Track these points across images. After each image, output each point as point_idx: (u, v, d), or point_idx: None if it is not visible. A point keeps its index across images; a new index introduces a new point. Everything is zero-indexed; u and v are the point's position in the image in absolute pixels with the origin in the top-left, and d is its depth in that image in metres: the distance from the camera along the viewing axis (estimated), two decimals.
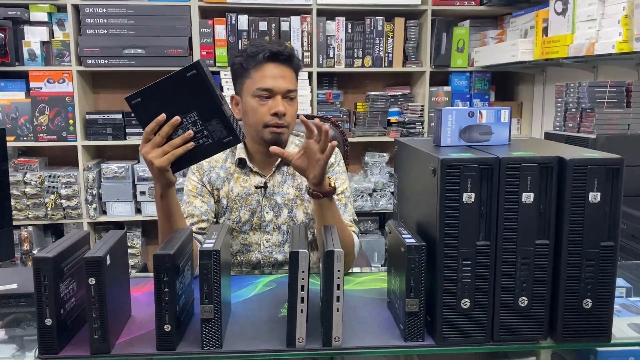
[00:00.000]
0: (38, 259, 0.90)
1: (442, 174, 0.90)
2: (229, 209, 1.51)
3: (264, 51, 1.41)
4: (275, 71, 1.42)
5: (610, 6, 2.05)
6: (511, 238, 0.92)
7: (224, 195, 1.51)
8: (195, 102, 1.13)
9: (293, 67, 1.46)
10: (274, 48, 1.42)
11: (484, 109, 1.04)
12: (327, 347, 0.94)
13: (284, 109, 1.41)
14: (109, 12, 2.91)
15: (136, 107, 1.16)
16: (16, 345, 1.09)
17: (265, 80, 1.42)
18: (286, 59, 1.44)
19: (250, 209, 1.51)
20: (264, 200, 1.51)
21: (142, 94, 1.15)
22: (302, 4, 3.01)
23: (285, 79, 1.43)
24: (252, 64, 1.43)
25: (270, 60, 1.42)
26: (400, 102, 3.28)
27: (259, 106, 1.42)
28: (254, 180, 1.52)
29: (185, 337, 0.98)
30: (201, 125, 1.14)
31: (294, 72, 1.47)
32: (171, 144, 1.14)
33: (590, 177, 0.90)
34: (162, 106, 1.14)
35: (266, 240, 1.52)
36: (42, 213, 3.00)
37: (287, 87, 1.43)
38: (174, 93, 1.14)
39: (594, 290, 0.93)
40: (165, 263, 0.91)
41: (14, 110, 2.94)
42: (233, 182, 1.51)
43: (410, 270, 0.92)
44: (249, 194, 1.51)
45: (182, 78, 1.13)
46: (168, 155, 1.14)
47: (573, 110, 2.15)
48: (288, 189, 1.52)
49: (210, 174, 1.52)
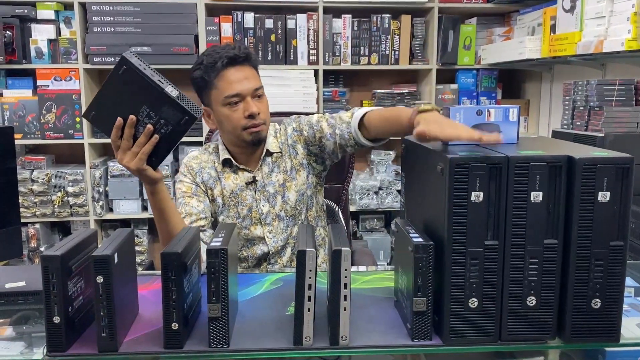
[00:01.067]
0: (46, 257, 0.90)
1: (450, 173, 0.89)
2: (225, 206, 1.53)
3: (221, 59, 1.41)
4: (237, 75, 1.43)
5: (619, 3, 2.03)
6: (520, 237, 0.91)
7: (219, 194, 1.53)
8: (140, 95, 1.12)
9: (252, 64, 1.47)
10: (229, 53, 1.42)
11: (492, 108, 1.04)
12: (334, 346, 0.94)
13: (256, 109, 1.44)
14: (116, 10, 2.92)
15: (94, 120, 1.17)
16: (24, 342, 1.10)
17: (231, 86, 1.42)
18: (244, 59, 1.44)
19: (247, 204, 1.53)
20: (258, 194, 1.53)
21: (93, 106, 1.16)
22: (308, 2, 3.01)
23: (249, 79, 1.44)
24: (213, 74, 1.43)
25: (230, 65, 1.42)
26: (406, 100, 3.27)
27: (231, 113, 1.44)
28: (243, 177, 1.54)
29: (193, 336, 0.98)
30: (156, 116, 1.14)
31: (254, 69, 1.48)
32: (137, 144, 1.17)
33: (599, 176, 0.89)
34: (116, 111, 1.15)
35: (269, 232, 1.54)
36: (49, 210, 3.02)
37: (253, 86, 1.44)
38: (119, 94, 1.14)
39: (602, 290, 0.92)
40: (173, 261, 0.91)
41: (21, 108, 2.96)
42: (224, 181, 1.53)
43: (418, 269, 0.92)
44: (242, 189, 1.53)
45: (117, 77, 1.13)
46: (139, 156, 1.17)
47: (581, 108, 2.14)
48: (277, 176, 1.54)
49: (202, 174, 1.53)
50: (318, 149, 1.54)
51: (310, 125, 1.53)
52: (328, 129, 1.49)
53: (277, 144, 1.55)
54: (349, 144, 1.47)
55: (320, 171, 1.61)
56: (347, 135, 1.45)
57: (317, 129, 1.51)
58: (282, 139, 1.56)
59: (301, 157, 1.56)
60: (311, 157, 1.57)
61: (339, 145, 1.48)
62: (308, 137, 1.54)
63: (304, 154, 1.56)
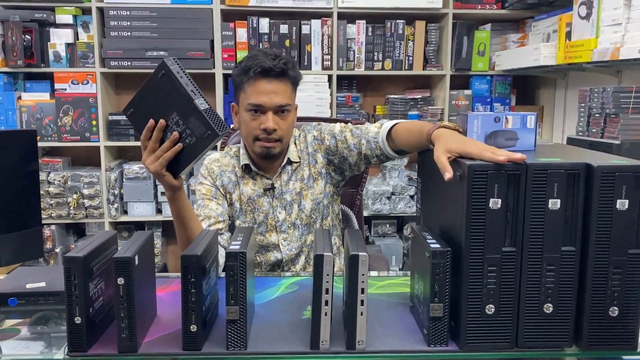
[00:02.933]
0: (69, 258, 0.92)
1: (469, 180, 0.90)
2: (242, 212, 1.54)
3: (255, 67, 1.41)
4: (267, 87, 1.42)
5: (636, 10, 2.02)
6: (537, 244, 0.92)
7: (237, 199, 1.54)
8: (172, 102, 1.14)
9: (289, 80, 1.45)
10: (265, 64, 1.40)
11: (510, 114, 1.04)
12: (351, 350, 0.95)
13: (273, 124, 1.42)
14: (133, 14, 2.95)
15: (131, 117, 1.19)
16: (44, 342, 1.11)
17: (256, 96, 1.42)
18: (278, 74, 1.42)
19: (264, 211, 1.54)
20: (275, 201, 1.54)
21: (132, 104, 1.18)
22: (322, 7, 3.02)
23: (278, 94, 1.42)
24: (246, 78, 1.43)
25: (262, 75, 1.41)
26: (419, 105, 3.27)
27: (250, 120, 1.44)
28: (261, 183, 1.54)
29: (210, 338, 0.99)
30: (183, 125, 1.14)
31: (289, 85, 1.46)
32: (161, 149, 1.18)
33: (618, 184, 0.89)
34: (151, 112, 1.16)
35: (284, 239, 1.54)
36: (64, 212, 3.05)
37: (278, 102, 1.42)
38: (155, 97, 1.16)
39: (620, 298, 0.92)
40: (192, 264, 0.92)
41: (39, 111, 3.00)
42: (243, 186, 1.54)
43: (435, 275, 0.92)
44: (259, 195, 1.53)
45: (156, 81, 1.15)
46: (160, 160, 1.18)
47: (597, 115, 2.13)
48: (294, 184, 1.55)
49: (222, 178, 1.54)
50: (339, 159, 1.53)
51: (332, 135, 1.52)
52: (352, 139, 1.48)
53: (297, 152, 1.56)
54: (374, 154, 1.45)
55: (339, 181, 1.61)
56: (374, 144, 1.44)
57: (340, 139, 1.50)
58: (301, 147, 1.56)
59: (320, 166, 1.56)
60: (330, 166, 1.57)
61: (364, 155, 1.47)
62: (329, 147, 1.53)
63: (323, 163, 1.56)
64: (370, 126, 1.47)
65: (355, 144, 1.48)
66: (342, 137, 1.50)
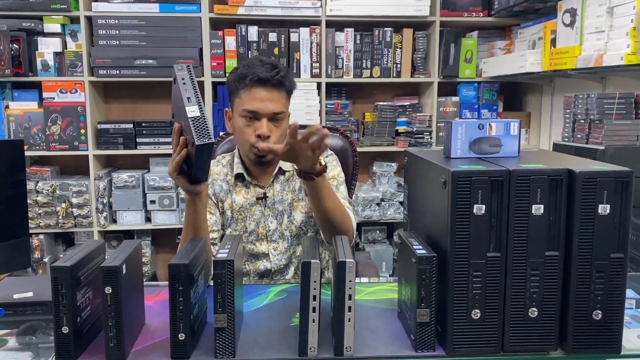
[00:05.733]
0: (56, 268, 0.92)
1: (453, 186, 0.91)
2: (234, 220, 1.54)
3: (252, 75, 1.42)
4: (262, 94, 1.43)
5: (618, 18, 2.06)
6: (521, 249, 0.93)
7: (228, 207, 1.54)
8: (179, 108, 1.14)
9: (284, 89, 1.46)
10: (262, 74, 1.41)
11: (494, 121, 1.06)
12: (339, 356, 0.95)
13: (267, 131, 1.43)
14: (121, 23, 2.95)
15: (172, 121, 1.21)
16: (32, 352, 1.11)
17: (251, 102, 1.43)
18: (274, 84, 1.44)
19: (255, 219, 1.54)
20: (267, 210, 1.54)
21: (172, 109, 1.19)
22: (311, 16, 3.04)
23: (273, 102, 1.44)
24: (241, 85, 1.44)
25: (258, 83, 1.43)
26: (408, 112, 3.30)
27: (244, 127, 1.45)
28: (254, 192, 1.55)
29: (199, 346, 0.99)
30: (185, 131, 1.15)
31: (284, 94, 1.47)
32: (174, 151, 1.18)
33: (599, 189, 0.91)
34: (176, 116, 1.18)
35: (274, 249, 1.55)
36: (53, 221, 3.04)
37: (273, 110, 1.44)
38: (174, 102, 1.18)
39: (603, 302, 0.94)
40: (180, 273, 0.92)
41: (27, 120, 2.98)
42: (235, 195, 1.54)
43: (421, 281, 0.93)
44: (252, 204, 1.54)
45: (173, 87, 1.16)
46: (172, 162, 1.18)
47: (582, 121, 2.16)
48: (286, 195, 1.56)
49: (214, 186, 1.55)
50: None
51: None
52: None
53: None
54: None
55: None
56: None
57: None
58: None
59: None
60: None
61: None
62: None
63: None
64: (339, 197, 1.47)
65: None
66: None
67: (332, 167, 1.57)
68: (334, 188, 1.49)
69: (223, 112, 3.08)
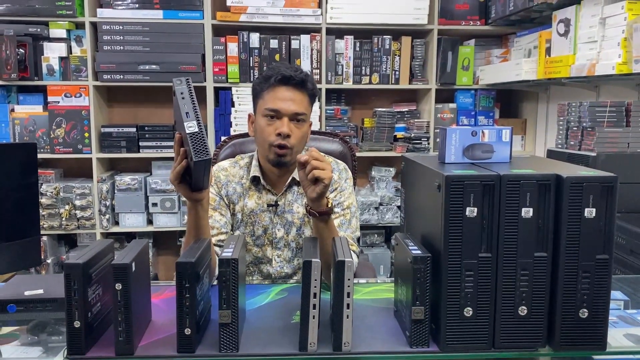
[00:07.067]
0: (69, 265, 0.96)
1: (446, 190, 0.96)
2: (243, 223, 1.57)
3: (277, 74, 1.46)
4: (285, 94, 1.46)
5: (610, 29, 2.12)
6: (511, 250, 0.97)
7: (239, 210, 1.57)
8: (179, 121, 1.15)
9: (306, 91, 1.49)
10: (286, 72, 1.46)
11: (487, 128, 1.11)
12: (338, 351, 1.00)
13: (288, 130, 1.45)
14: (126, 29, 3.01)
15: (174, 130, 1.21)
16: (42, 347, 1.15)
17: (274, 101, 1.46)
18: (298, 83, 1.47)
19: (263, 225, 1.56)
20: (276, 218, 1.57)
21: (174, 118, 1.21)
22: (311, 23, 3.10)
23: (295, 102, 1.47)
24: (266, 86, 1.48)
25: (282, 83, 1.46)
26: (406, 118, 3.35)
27: (266, 126, 1.47)
28: (266, 198, 1.57)
29: (204, 341, 1.03)
30: (185, 144, 1.15)
31: (307, 97, 1.50)
32: (177, 161, 1.18)
33: (585, 193, 0.96)
34: (177, 127, 1.19)
35: (277, 255, 1.58)
36: (56, 223, 3.08)
37: (294, 109, 1.46)
38: (175, 114, 1.18)
39: (589, 301, 0.98)
40: (187, 270, 0.97)
41: (32, 123, 3.03)
42: (248, 198, 1.57)
43: (416, 279, 0.98)
44: (262, 210, 1.56)
45: (173, 100, 1.17)
46: (172, 171, 1.20)
47: (574, 128, 2.21)
48: (298, 207, 1.57)
49: (228, 188, 1.57)
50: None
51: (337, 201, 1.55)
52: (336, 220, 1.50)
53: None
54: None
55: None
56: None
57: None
58: None
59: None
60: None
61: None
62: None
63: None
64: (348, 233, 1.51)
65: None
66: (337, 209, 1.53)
67: (347, 195, 1.57)
68: (345, 221, 1.52)
69: (225, 116, 3.18)
